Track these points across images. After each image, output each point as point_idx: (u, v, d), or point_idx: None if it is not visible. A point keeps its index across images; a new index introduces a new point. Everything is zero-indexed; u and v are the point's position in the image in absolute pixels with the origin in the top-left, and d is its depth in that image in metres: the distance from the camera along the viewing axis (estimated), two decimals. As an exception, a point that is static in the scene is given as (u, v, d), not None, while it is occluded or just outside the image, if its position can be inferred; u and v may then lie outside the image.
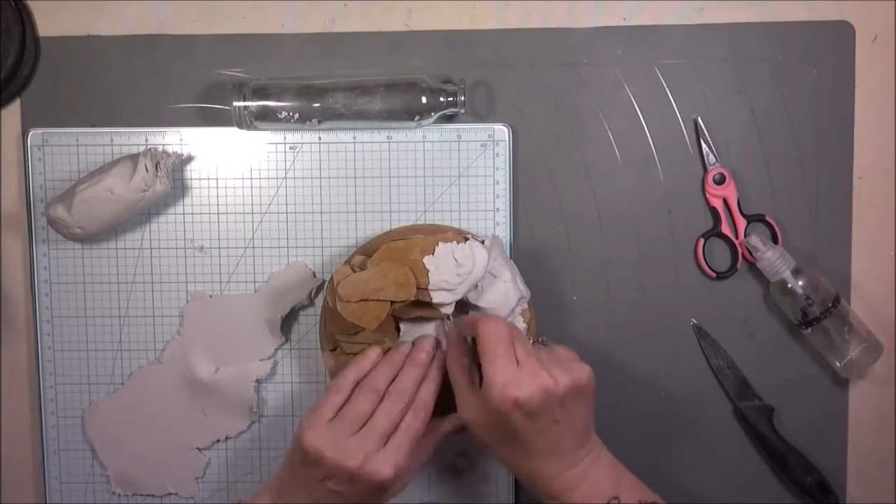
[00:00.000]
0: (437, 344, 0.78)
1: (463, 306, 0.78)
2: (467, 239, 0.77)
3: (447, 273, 0.75)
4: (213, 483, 0.86)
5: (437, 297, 0.75)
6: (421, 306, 0.77)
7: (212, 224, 0.85)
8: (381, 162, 0.84)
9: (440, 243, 0.76)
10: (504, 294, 0.77)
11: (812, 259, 0.84)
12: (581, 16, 0.84)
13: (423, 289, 0.75)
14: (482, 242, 0.77)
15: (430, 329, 0.79)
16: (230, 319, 0.85)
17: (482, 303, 0.77)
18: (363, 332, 0.76)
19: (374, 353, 0.77)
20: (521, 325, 0.79)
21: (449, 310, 0.77)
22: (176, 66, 0.84)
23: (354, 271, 0.76)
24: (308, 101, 0.80)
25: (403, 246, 0.76)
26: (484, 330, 0.72)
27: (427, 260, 0.75)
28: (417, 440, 0.74)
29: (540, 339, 0.78)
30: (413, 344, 0.78)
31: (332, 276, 0.76)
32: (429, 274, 0.75)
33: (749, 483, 0.86)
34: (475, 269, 0.75)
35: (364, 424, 0.73)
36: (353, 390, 0.75)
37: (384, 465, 0.72)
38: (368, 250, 0.79)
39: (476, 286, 0.76)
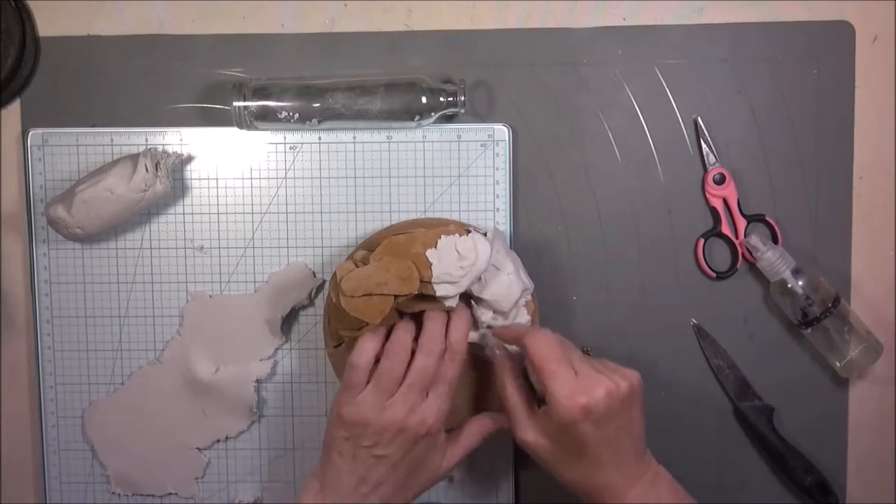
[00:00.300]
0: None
1: (466, 299, 0.78)
2: (469, 231, 0.77)
3: (450, 266, 0.75)
4: (213, 483, 0.86)
5: (440, 291, 0.75)
6: (424, 300, 0.76)
7: (212, 224, 0.85)
8: (381, 162, 0.84)
9: (442, 236, 0.76)
10: (507, 286, 0.77)
11: (812, 259, 0.84)
12: (581, 16, 0.84)
13: (426, 282, 0.75)
14: (484, 235, 0.77)
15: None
16: (230, 319, 0.85)
17: (486, 295, 0.77)
18: (367, 327, 0.76)
19: (378, 333, 0.77)
20: (525, 317, 0.79)
21: (453, 303, 0.77)
22: (176, 66, 0.84)
23: (357, 266, 0.76)
24: (308, 101, 0.80)
25: (405, 240, 0.76)
26: (535, 345, 0.72)
27: (430, 253, 0.75)
28: (456, 386, 0.75)
29: (585, 349, 0.78)
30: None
31: (334, 272, 0.76)
32: (432, 267, 0.75)
33: (749, 483, 0.86)
34: (478, 262, 0.75)
35: (401, 383, 0.74)
36: (375, 359, 0.75)
37: (429, 412, 0.73)
38: (371, 245, 0.79)
39: (479, 279, 0.76)
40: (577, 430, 0.70)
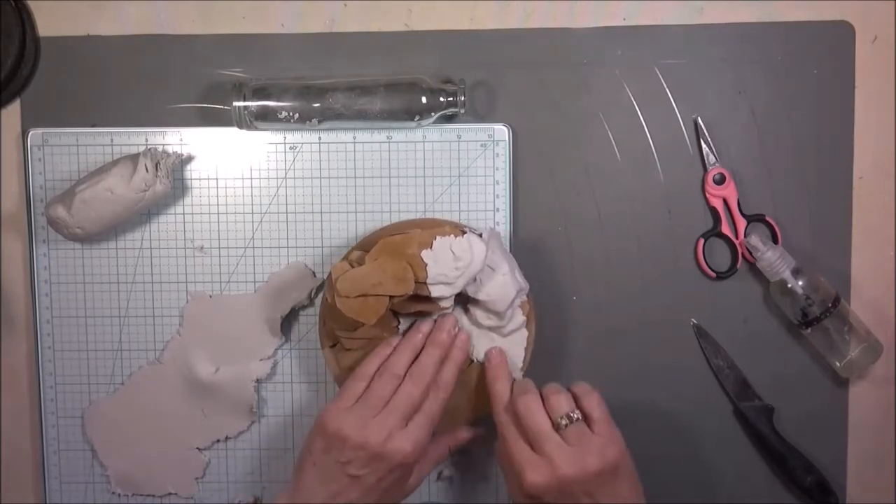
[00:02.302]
0: (457, 323, 0.79)
1: (462, 299, 0.78)
2: (465, 232, 0.77)
3: (445, 267, 0.75)
4: (213, 483, 0.86)
5: (435, 291, 0.75)
6: (420, 300, 0.77)
7: (212, 224, 0.85)
8: (381, 162, 0.84)
9: (438, 237, 0.76)
10: (503, 286, 0.77)
11: (812, 259, 0.84)
12: (581, 16, 0.84)
13: (421, 283, 0.75)
14: (480, 235, 0.77)
15: (430, 324, 0.79)
16: (230, 319, 0.85)
17: (481, 296, 0.77)
18: (362, 328, 0.76)
19: (395, 340, 0.78)
20: (520, 317, 0.79)
21: (448, 303, 0.77)
22: (176, 66, 0.84)
23: (353, 267, 0.76)
24: (308, 101, 0.80)
25: (401, 240, 0.76)
26: (499, 417, 0.74)
27: (425, 254, 0.75)
28: (437, 420, 0.75)
29: (574, 416, 0.73)
30: (434, 322, 0.79)
31: (330, 272, 0.77)
32: (427, 268, 0.75)
33: (749, 483, 0.86)
34: (473, 262, 0.75)
35: (386, 405, 0.74)
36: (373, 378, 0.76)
37: (405, 441, 0.72)
38: (366, 245, 0.79)
39: (475, 279, 0.76)
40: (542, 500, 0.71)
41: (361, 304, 0.74)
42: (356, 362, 0.79)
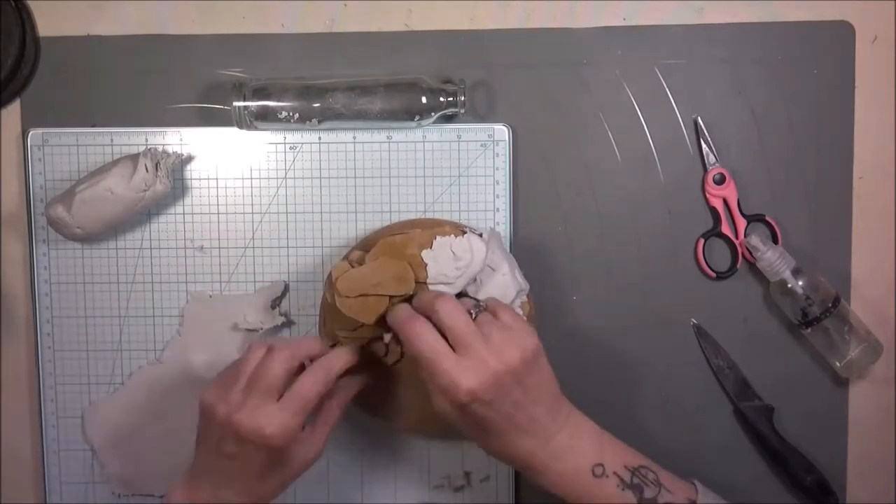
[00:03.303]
0: None
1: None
2: (465, 232, 0.77)
3: (445, 267, 0.75)
4: (213, 483, 0.86)
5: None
6: None
7: (212, 224, 0.85)
8: (381, 162, 0.84)
9: (438, 237, 0.76)
10: (503, 287, 0.77)
11: (812, 259, 0.84)
12: (581, 16, 0.84)
13: (421, 283, 0.75)
14: (480, 235, 0.77)
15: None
16: (230, 319, 0.85)
17: (481, 296, 0.77)
18: (362, 328, 0.76)
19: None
20: None
21: None
22: (176, 66, 0.84)
23: (353, 267, 0.76)
24: (308, 101, 0.80)
25: (401, 240, 0.76)
26: (413, 331, 0.70)
27: (425, 254, 0.75)
28: (311, 404, 0.71)
29: (481, 305, 0.73)
30: None
31: (330, 272, 0.77)
32: (427, 268, 0.75)
33: (749, 483, 0.86)
34: (473, 263, 0.76)
35: (249, 380, 0.71)
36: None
37: (269, 420, 0.69)
38: (366, 245, 0.79)
39: (475, 279, 0.77)
40: (469, 411, 0.69)
41: (361, 304, 0.74)
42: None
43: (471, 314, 0.71)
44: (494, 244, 0.78)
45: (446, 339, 0.69)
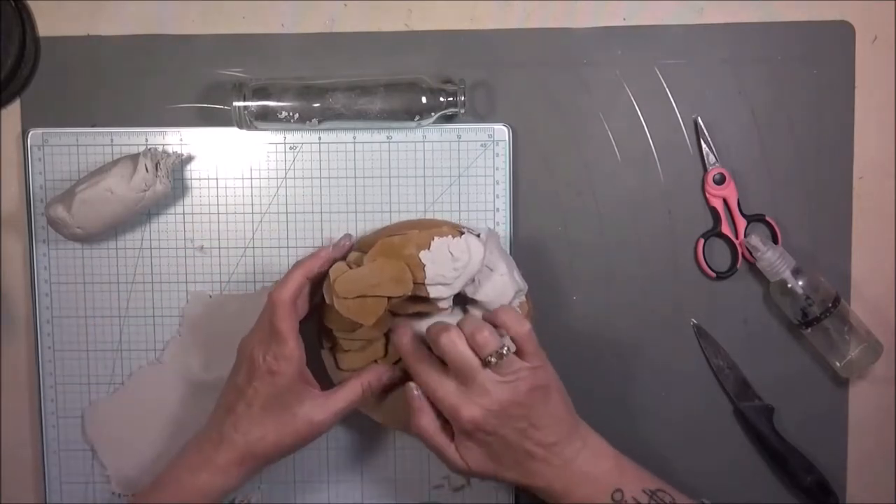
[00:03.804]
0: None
1: (461, 300, 0.78)
2: (462, 233, 0.77)
3: (443, 267, 0.75)
4: (213, 483, 0.86)
5: (434, 292, 0.75)
6: (418, 301, 0.77)
7: (212, 224, 0.85)
8: (381, 162, 0.84)
9: (436, 238, 0.76)
10: (501, 287, 0.77)
11: (812, 259, 0.84)
12: (581, 16, 0.84)
13: (419, 284, 0.75)
14: (478, 236, 0.77)
15: (427, 325, 0.79)
16: (230, 319, 0.85)
17: (479, 296, 0.77)
18: (361, 329, 0.76)
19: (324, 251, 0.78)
20: None
21: (446, 304, 0.77)
22: (176, 66, 0.84)
23: (351, 268, 0.76)
24: (308, 101, 0.80)
25: (399, 241, 0.76)
26: (414, 362, 0.74)
27: (423, 255, 0.75)
28: (304, 281, 0.76)
29: (503, 352, 0.72)
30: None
31: (328, 273, 0.77)
32: (425, 269, 0.75)
33: (749, 483, 0.86)
34: (471, 263, 0.75)
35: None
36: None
37: (275, 345, 0.74)
38: (364, 246, 0.79)
39: (473, 280, 0.77)
40: (477, 439, 0.71)
41: (360, 305, 0.74)
42: (355, 364, 0.79)
43: (500, 355, 0.71)
44: (492, 244, 0.78)
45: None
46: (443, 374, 0.72)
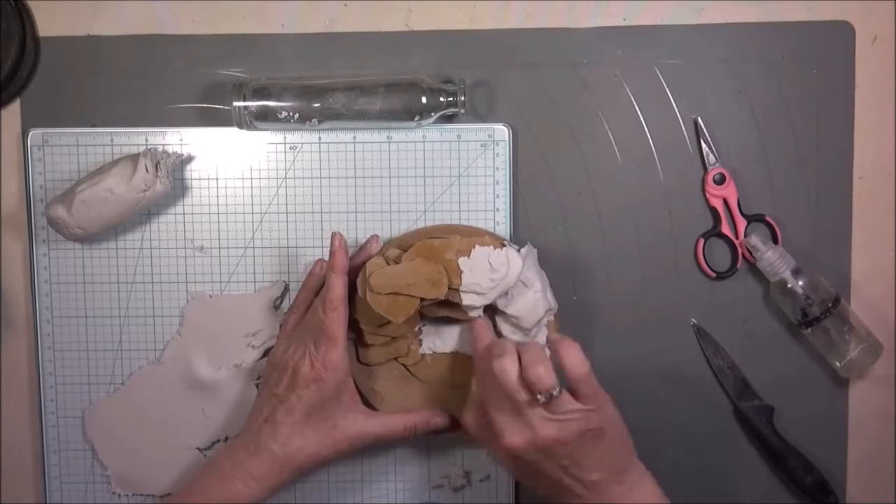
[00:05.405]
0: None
1: (490, 310, 0.78)
2: (504, 245, 0.77)
3: (480, 277, 0.75)
4: (213, 483, 0.86)
5: (466, 300, 0.75)
6: (449, 306, 0.76)
7: (212, 224, 0.85)
8: (381, 162, 0.84)
9: (477, 246, 0.76)
10: (533, 304, 0.77)
11: (812, 259, 0.84)
12: (581, 16, 0.84)
13: (454, 289, 0.75)
14: (518, 250, 0.77)
15: (453, 333, 0.79)
16: (230, 319, 0.85)
17: (510, 310, 0.77)
18: (388, 325, 0.76)
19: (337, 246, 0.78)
20: (544, 337, 0.79)
21: (477, 313, 0.76)
22: (176, 66, 0.84)
23: (388, 264, 0.76)
24: (308, 101, 0.80)
25: (440, 245, 0.76)
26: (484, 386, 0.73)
27: (462, 261, 0.75)
28: (337, 336, 0.75)
29: (555, 393, 0.70)
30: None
31: (364, 266, 0.76)
32: (462, 275, 0.75)
33: (749, 483, 0.86)
34: (508, 276, 0.75)
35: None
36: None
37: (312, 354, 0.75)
38: (404, 244, 0.78)
39: (507, 293, 0.76)
40: (525, 458, 0.71)
41: (392, 301, 0.74)
42: (376, 359, 0.79)
43: (550, 395, 0.68)
44: (530, 261, 0.78)
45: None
46: (498, 395, 0.71)
